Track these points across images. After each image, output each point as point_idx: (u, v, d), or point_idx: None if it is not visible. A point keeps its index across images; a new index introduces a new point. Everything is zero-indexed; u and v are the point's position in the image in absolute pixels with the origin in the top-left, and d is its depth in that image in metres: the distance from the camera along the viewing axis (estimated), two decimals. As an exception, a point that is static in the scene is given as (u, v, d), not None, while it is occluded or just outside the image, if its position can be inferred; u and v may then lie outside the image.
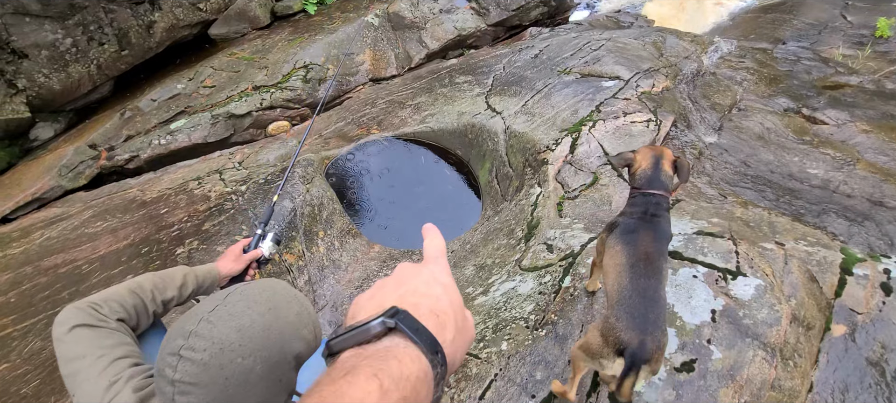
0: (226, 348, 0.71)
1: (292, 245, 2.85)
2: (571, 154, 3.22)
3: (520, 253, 2.60)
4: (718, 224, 2.37)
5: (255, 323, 0.74)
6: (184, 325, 0.74)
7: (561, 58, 4.60)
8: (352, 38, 5.55)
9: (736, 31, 6.34)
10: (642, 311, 1.41)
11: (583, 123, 3.44)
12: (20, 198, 3.78)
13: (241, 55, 5.29)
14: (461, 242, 3.16)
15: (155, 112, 4.63)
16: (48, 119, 4.61)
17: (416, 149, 3.96)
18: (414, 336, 0.43)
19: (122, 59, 4.91)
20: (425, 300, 0.48)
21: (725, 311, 1.87)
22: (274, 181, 3.13)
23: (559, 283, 2.12)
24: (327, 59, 5.22)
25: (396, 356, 0.41)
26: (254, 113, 4.64)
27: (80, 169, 4.11)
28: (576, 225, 2.64)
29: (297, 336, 0.78)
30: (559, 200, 2.93)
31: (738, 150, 3.41)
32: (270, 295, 0.80)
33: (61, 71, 4.48)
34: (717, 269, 2.04)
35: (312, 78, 5.01)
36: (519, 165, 3.41)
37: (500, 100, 4.06)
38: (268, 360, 0.74)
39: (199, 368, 0.70)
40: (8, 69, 4.19)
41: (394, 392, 0.39)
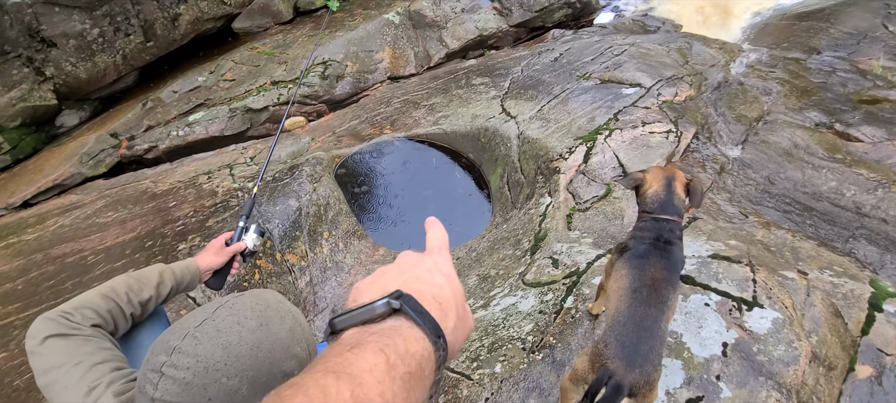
0: (210, 367, 0.67)
1: (295, 245, 2.80)
2: (585, 163, 3.08)
3: (524, 266, 2.48)
4: (736, 247, 2.20)
5: (243, 340, 0.70)
6: (168, 340, 0.71)
7: (581, 62, 4.44)
8: (372, 35, 5.48)
9: (767, 39, 6.02)
10: (634, 341, 1.31)
11: (599, 132, 3.28)
12: (42, 184, 3.84)
13: (261, 50, 5.29)
14: (467, 249, 3.06)
15: (175, 103, 4.65)
16: (74, 107, 4.68)
17: (427, 150, 3.87)
18: (418, 318, 0.43)
19: (147, 51, 4.95)
20: (428, 287, 0.48)
21: (738, 345, 1.72)
22: (282, 178, 3.09)
23: (561, 303, 2.00)
24: (346, 55, 5.17)
25: (401, 334, 0.42)
26: (271, 108, 4.62)
27: (100, 157, 4.16)
28: (584, 239, 2.51)
29: (288, 355, 0.73)
30: (569, 212, 2.80)
31: (762, 166, 3.21)
32: (263, 309, 0.75)
33: (88, 60, 4.54)
34: (732, 298, 1.88)
35: (330, 74, 4.96)
36: (531, 172, 3.28)
37: (516, 104, 3.93)
38: (255, 381, 0.69)
39: (180, 387, 0.66)
40: (37, 57, 4.27)
41: (400, 366, 0.39)
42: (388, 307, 0.44)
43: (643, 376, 1.27)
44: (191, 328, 0.71)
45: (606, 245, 2.42)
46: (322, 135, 4.15)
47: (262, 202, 2.86)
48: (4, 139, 4.14)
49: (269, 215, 2.78)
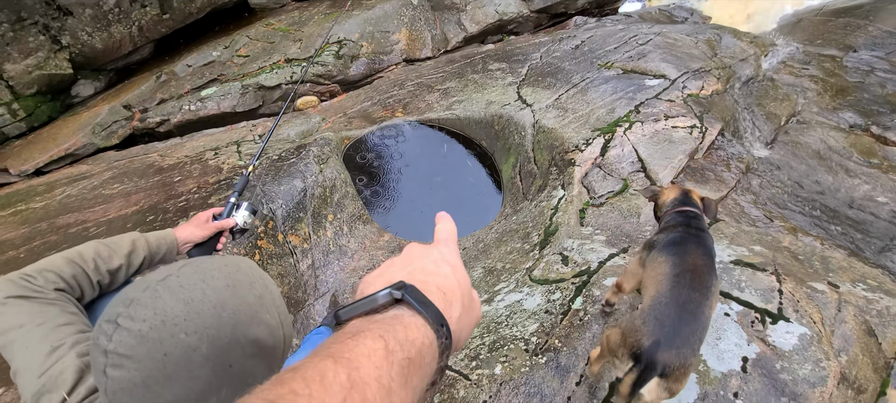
0: (168, 321, 0.63)
1: (298, 227, 2.70)
2: (602, 156, 2.91)
3: (532, 260, 2.34)
4: (761, 254, 2.03)
5: (206, 298, 0.65)
6: (128, 292, 0.66)
7: (603, 50, 4.22)
8: (389, 15, 5.32)
9: (802, 35, 5.69)
10: (675, 322, 1.26)
11: (618, 124, 3.10)
12: (54, 153, 3.81)
13: (277, 26, 5.17)
14: (475, 239, 2.93)
15: (189, 77, 4.58)
16: (89, 77, 4.64)
17: (439, 136, 3.73)
18: (420, 307, 0.44)
19: (163, 23, 4.87)
20: (433, 278, 0.48)
21: (760, 361, 1.57)
22: (288, 158, 2.98)
23: (569, 304, 1.87)
24: (362, 35, 5.03)
25: (402, 323, 0.42)
26: (283, 85, 4.52)
27: (113, 128, 4.12)
28: (597, 236, 2.36)
29: (256, 320, 0.68)
30: (583, 206, 2.64)
31: (791, 168, 3.00)
32: (232, 271, 0.70)
33: (104, 30, 4.48)
34: (755, 309, 1.72)
35: (345, 54, 4.83)
36: (544, 163, 3.13)
37: (533, 91, 3.75)
38: (216, 341, 0.64)
39: (135, 339, 0.61)
40: (53, 25, 4.22)
41: (399, 352, 0.39)
42: (390, 297, 0.44)
43: (680, 358, 1.22)
44: (153, 282, 0.66)
45: (620, 244, 2.26)
46: (333, 115, 4.04)
47: (267, 181, 2.76)
48: (20, 106, 4.12)
49: (273, 195, 2.69)
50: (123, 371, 0.61)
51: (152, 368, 0.61)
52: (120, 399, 0.63)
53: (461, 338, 0.48)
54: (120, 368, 0.61)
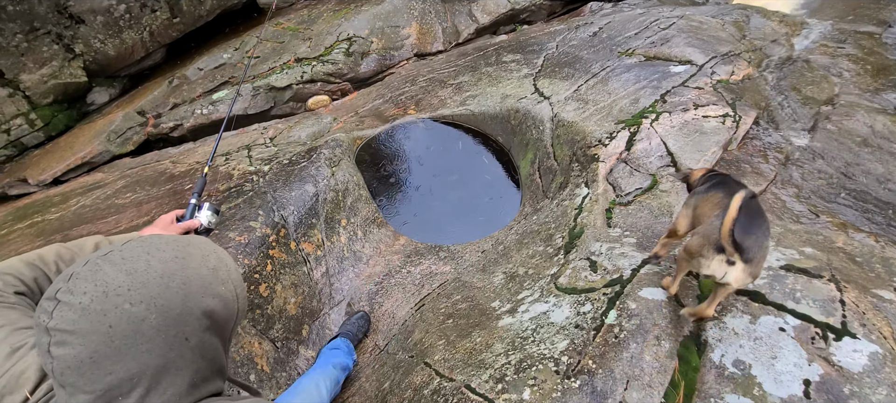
0: (111, 291, 0.58)
1: (311, 233, 2.55)
2: (627, 151, 2.68)
3: (557, 266, 2.15)
4: (814, 257, 1.80)
5: (151, 267, 0.62)
6: (69, 269, 0.62)
7: (623, 37, 3.95)
8: (399, 9, 5.12)
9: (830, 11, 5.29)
10: (746, 219, 1.38)
11: (644, 115, 2.86)
12: (71, 161, 3.74)
13: (286, 25, 5.02)
14: (494, 241, 2.74)
15: (200, 81, 4.46)
16: (104, 84, 4.56)
17: (454, 133, 3.54)
18: None
19: (174, 27, 4.76)
20: None
21: (824, 384, 1.36)
22: (299, 162, 2.83)
23: (602, 318, 1.67)
24: (372, 31, 4.83)
25: None
26: (294, 86, 4.37)
27: (127, 135, 4.03)
28: (627, 239, 2.14)
29: (209, 292, 0.66)
30: (609, 205, 2.43)
31: (835, 157, 2.72)
32: (183, 245, 0.67)
33: (115, 37, 4.38)
34: (815, 323, 1.51)
35: (355, 51, 4.65)
36: (565, 159, 2.91)
37: (550, 83, 3.52)
38: (165, 311, 0.60)
39: (77, 313, 0.57)
40: (66, 34, 4.13)
41: None
42: None
43: (758, 244, 1.38)
44: (94, 257, 0.62)
45: (652, 247, 2.05)
46: (345, 114, 3.87)
47: (278, 187, 2.61)
48: (37, 116, 4.05)
49: (284, 201, 2.54)
50: (68, 348, 0.57)
51: (98, 342, 0.57)
52: (70, 380, 0.57)
53: None
54: (64, 345, 0.57)
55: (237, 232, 2.27)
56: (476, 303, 2.14)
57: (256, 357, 2.02)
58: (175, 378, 0.61)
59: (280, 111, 4.41)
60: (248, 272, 2.16)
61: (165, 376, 0.61)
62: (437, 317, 2.15)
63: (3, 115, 3.85)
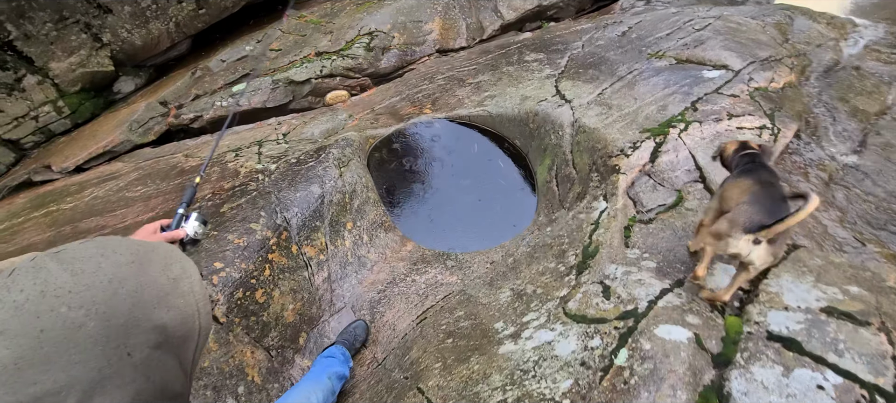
0: (49, 291, 0.51)
1: (314, 237, 2.44)
2: (652, 163, 2.45)
3: (568, 287, 1.96)
4: (860, 298, 1.56)
5: (101, 269, 0.54)
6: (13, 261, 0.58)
7: (654, 37, 3.68)
8: (422, 4, 4.94)
9: (883, 12, 4.83)
10: (770, 203, 1.49)
11: (671, 123, 2.62)
12: (93, 150, 3.75)
13: (309, 19, 4.92)
14: (504, 252, 2.57)
15: (223, 73, 4.42)
16: (130, 73, 4.58)
17: (469, 134, 3.36)
18: None
19: (199, 18, 4.73)
20: None
21: (869, 459, 1.15)
22: (306, 161, 2.72)
23: (611, 357, 1.49)
24: (393, 26, 4.68)
25: None
26: (313, 80, 4.27)
27: (149, 125, 4.02)
28: (646, 263, 1.94)
29: (164, 304, 0.58)
30: (628, 223, 2.22)
31: (886, 177, 2.42)
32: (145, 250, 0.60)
33: (142, 27, 4.38)
34: (861, 383, 1.29)
35: (376, 46, 4.51)
36: (584, 168, 2.70)
37: (573, 85, 3.29)
38: (107, 319, 0.52)
39: (9, 312, 0.50)
40: (94, 23, 4.14)
41: None
42: None
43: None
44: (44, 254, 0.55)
45: (674, 274, 1.84)
46: (361, 111, 3.75)
47: (283, 187, 2.51)
48: (65, 104, 4.09)
49: (288, 202, 2.43)
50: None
51: (26, 347, 0.49)
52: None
53: None
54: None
55: (236, 235, 2.17)
56: (479, 322, 1.98)
57: (248, 368, 1.92)
58: (110, 397, 0.52)
59: (298, 105, 4.33)
60: (244, 277, 2.07)
61: (98, 394, 0.52)
62: (438, 335, 2.00)
63: (32, 102, 3.89)
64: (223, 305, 1.94)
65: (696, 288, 1.72)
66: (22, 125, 3.88)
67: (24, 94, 3.85)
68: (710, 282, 1.79)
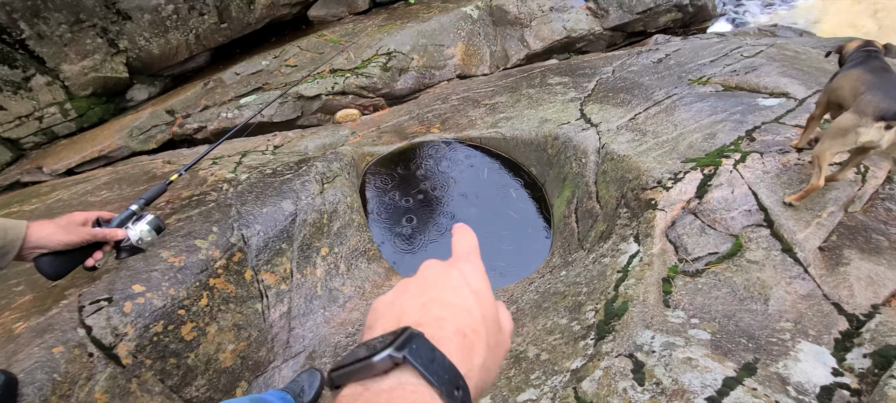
0: None
1: (277, 261, 1.94)
2: (698, 199, 1.85)
3: (583, 357, 1.37)
4: None
5: None
6: None
7: (695, 64, 3.11)
8: (445, 28, 4.58)
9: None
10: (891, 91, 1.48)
11: (723, 153, 2.02)
12: (88, 154, 3.45)
13: (329, 37, 4.62)
14: (506, 298, 1.99)
15: (235, 85, 4.12)
16: (145, 81, 4.35)
17: (480, 158, 2.84)
18: (427, 373, 0.32)
19: (220, 32, 4.50)
20: (451, 313, 0.37)
21: None
22: (284, 173, 2.26)
23: None
24: (413, 47, 4.31)
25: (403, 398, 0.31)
26: (324, 96, 3.91)
27: (151, 133, 3.72)
28: (695, 331, 1.32)
29: None
30: (668, 273, 1.61)
31: None
32: None
33: (161, 36, 4.16)
34: None
35: (393, 66, 4.13)
36: (610, 202, 2.12)
37: (600, 108, 2.75)
38: None
39: None
40: (111, 28, 3.95)
41: None
42: (390, 361, 0.32)
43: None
44: None
45: (739, 352, 1.22)
46: (366, 129, 3.32)
47: (248, 200, 2.04)
48: (72, 107, 3.86)
49: (251, 218, 1.95)
50: None
51: None
52: None
53: (489, 381, 0.37)
54: None
55: (173, 252, 1.69)
56: (459, 394, 1.40)
57: (148, 429, 1.40)
58: None
59: (307, 121, 3.96)
60: (169, 306, 1.57)
61: None
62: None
63: (37, 102, 3.66)
64: (131, 341, 1.44)
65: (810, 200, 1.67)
66: (24, 124, 3.64)
67: (31, 94, 3.63)
68: (795, 371, 1.16)
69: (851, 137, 1.52)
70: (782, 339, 1.28)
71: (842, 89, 1.62)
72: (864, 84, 1.54)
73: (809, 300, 1.42)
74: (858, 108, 1.51)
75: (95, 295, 1.49)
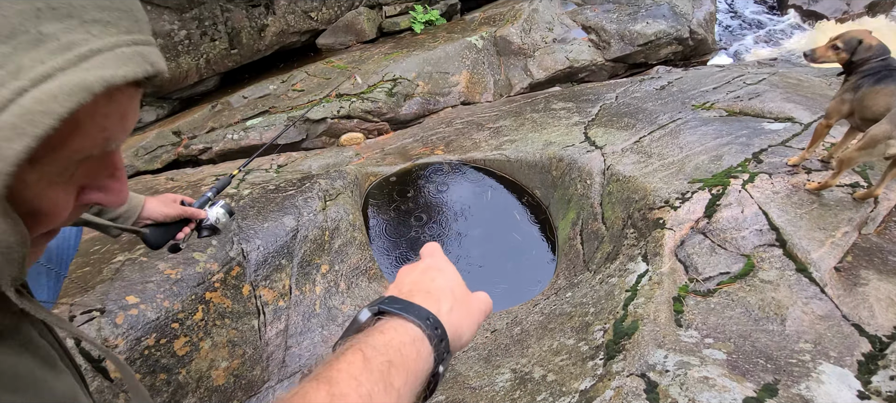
0: None
1: (276, 277, 1.90)
2: (707, 218, 1.81)
3: (592, 377, 1.30)
4: None
5: None
6: None
7: (698, 90, 3.13)
8: (451, 57, 4.67)
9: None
10: None
11: (731, 174, 1.99)
12: (93, 171, 3.47)
13: (336, 63, 4.72)
14: (510, 319, 1.93)
15: (242, 108, 4.18)
16: (154, 104, 4.43)
17: (484, 180, 2.83)
18: (400, 310, 0.43)
19: (231, 57, 4.61)
20: (419, 285, 0.48)
21: None
22: (286, 189, 2.24)
23: None
24: (419, 74, 4.39)
25: (380, 329, 0.41)
26: (329, 120, 3.95)
27: (157, 153, 3.74)
28: (710, 351, 1.26)
29: None
30: (679, 293, 1.55)
31: None
32: None
33: (172, 60, 4.26)
34: None
35: (398, 92, 4.19)
36: (616, 222, 2.08)
37: (604, 132, 2.75)
38: None
39: None
40: (125, 53, 4.05)
41: (376, 357, 0.38)
42: (370, 314, 0.44)
43: None
44: None
45: (757, 372, 1.15)
46: (370, 151, 3.33)
47: (249, 214, 2.02)
48: (82, 126, 3.91)
49: (252, 232, 1.92)
50: None
51: None
52: None
53: (462, 331, 0.46)
54: None
55: (170, 264, 1.66)
56: (461, 416, 1.33)
57: (132, 447, 1.32)
58: None
59: (311, 144, 3.98)
60: (163, 319, 1.52)
61: None
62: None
63: (47, 121, 3.71)
64: (121, 354, 1.39)
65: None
66: (33, 142, 3.68)
67: (42, 113, 3.69)
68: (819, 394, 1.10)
69: (881, 148, 1.56)
70: (802, 360, 1.22)
71: (876, 106, 1.66)
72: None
73: (828, 321, 1.36)
74: (893, 120, 1.54)
75: (88, 305, 1.45)
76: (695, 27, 5.16)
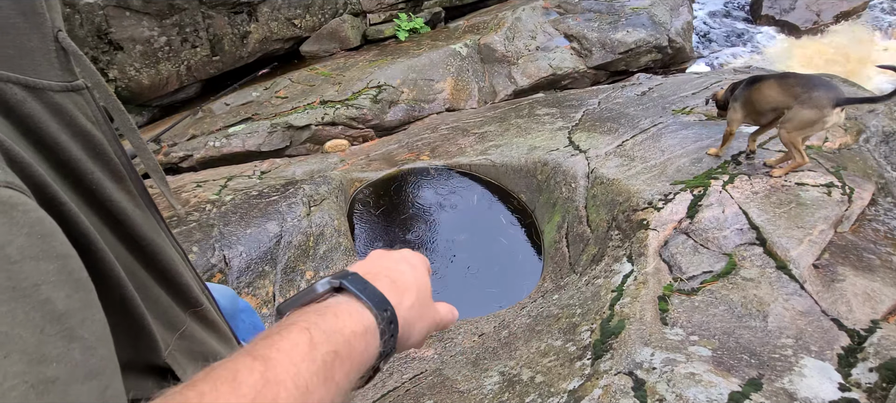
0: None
1: (259, 283, 1.85)
2: (690, 219, 1.84)
3: (580, 377, 1.30)
4: None
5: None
6: None
7: (678, 96, 3.20)
8: (435, 64, 4.68)
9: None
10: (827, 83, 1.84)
11: (712, 176, 2.03)
12: (68, 180, 3.36)
13: (320, 70, 4.69)
14: (498, 323, 1.92)
15: (224, 115, 4.11)
16: (133, 111, 4.32)
17: (470, 185, 2.83)
18: (359, 292, 0.40)
19: (212, 64, 4.55)
20: (386, 271, 0.45)
21: None
22: (270, 195, 2.20)
23: None
24: (403, 81, 4.39)
25: (334, 311, 0.38)
26: (313, 126, 3.91)
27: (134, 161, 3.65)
28: (695, 348, 1.27)
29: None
30: (664, 292, 1.57)
31: None
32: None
33: (152, 67, 4.18)
34: None
35: (383, 99, 4.18)
36: (601, 225, 2.10)
37: (588, 136, 2.78)
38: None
39: None
40: (102, 58, 3.96)
41: (323, 345, 0.35)
42: (328, 286, 0.41)
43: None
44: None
45: (741, 368, 1.17)
46: (354, 157, 3.30)
47: (232, 220, 1.97)
48: (56, 134, 3.79)
49: (234, 239, 1.88)
50: None
51: None
52: None
53: (413, 332, 0.45)
54: None
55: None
56: (449, 420, 1.31)
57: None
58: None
59: (295, 151, 3.93)
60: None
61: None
62: (390, 434, 1.33)
63: (19, 129, 3.59)
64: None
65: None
66: (3, 150, 3.55)
67: (13, 120, 3.57)
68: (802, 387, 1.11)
69: (818, 125, 1.79)
70: (785, 355, 1.24)
71: (769, 96, 1.90)
72: (799, 84, 1.82)
73: (808, 316, 1.39)
74: (814, 103, 1.75)
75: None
76: (673, 36, 5.28)
